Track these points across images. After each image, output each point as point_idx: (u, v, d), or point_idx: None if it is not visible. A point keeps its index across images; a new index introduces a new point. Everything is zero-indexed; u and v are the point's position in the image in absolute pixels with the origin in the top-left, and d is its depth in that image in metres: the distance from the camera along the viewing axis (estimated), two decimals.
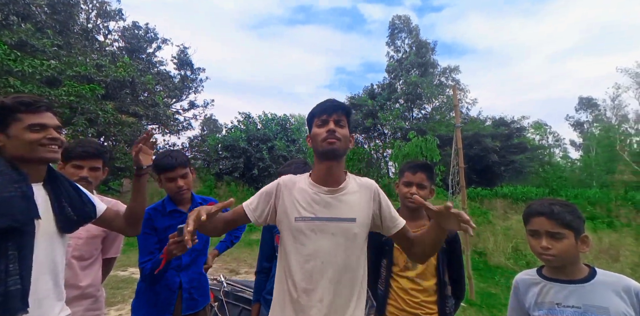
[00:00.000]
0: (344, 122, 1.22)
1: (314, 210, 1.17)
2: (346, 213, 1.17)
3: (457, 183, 5.08)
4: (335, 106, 1.22)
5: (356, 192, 1.23)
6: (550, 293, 1.17)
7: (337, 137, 1.17)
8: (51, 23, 9.36)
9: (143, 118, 11.47)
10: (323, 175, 1.21)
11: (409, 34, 21.79)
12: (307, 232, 1.15)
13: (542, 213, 1.16)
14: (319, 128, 1.21)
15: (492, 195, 13.89)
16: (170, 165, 1.65)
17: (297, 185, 1.23)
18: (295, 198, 1.20)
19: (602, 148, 21.68)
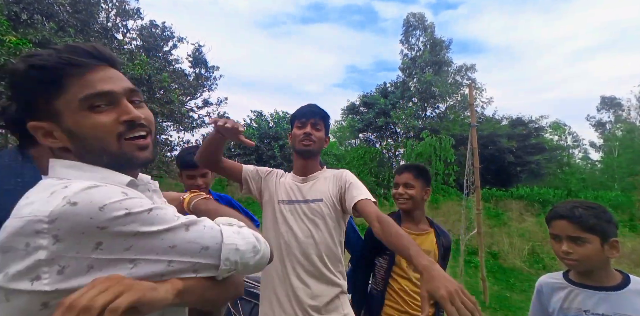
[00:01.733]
0: (320, 125, 1.42)
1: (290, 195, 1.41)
2: (315, 195, 1.39)
3: (472, 184, 4.99)
4: (314, 111, 1.42)
5: (327, 179, 1.43)
6: (577, 299, 1.12)
7: (313, 139, 1.39)
8: (73, 22, 9.63)
9: (158, 115, 11.70)
10: (300, 169, 1.48)
11: (424, 31, 21.47)
12: (286, 212, 1.38)
13: (563, 216, 1.12)
14: (298, 129, 1.42)
15: (507, 196, 13.59)
16: (193, 163, 1.67)
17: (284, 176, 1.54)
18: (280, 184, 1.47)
19: (625, 149, 20.90)
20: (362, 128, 18.35)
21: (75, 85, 0.57)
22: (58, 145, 0.59)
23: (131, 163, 0.62)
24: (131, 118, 0.60)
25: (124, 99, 0.61)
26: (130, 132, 0.61)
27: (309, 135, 1.39)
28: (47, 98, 0.56)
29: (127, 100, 0.62)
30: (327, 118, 1.47)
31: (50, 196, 0.50)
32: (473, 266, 6.55)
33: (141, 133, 0.62)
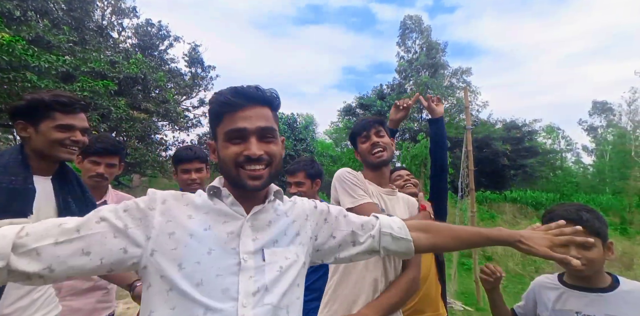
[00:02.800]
0: (382, 131, 1.40)
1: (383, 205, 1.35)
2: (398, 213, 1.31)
3: (466, 186, 5.02)
4: (369, 122, 1.41)
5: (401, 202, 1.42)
6: (569, 301, 1.13)
7: (382, 146, 1.36)
8: (67, 19, 9.53)
9: (154, 114, 11.61)
10: (378, 179, 1.41)
11: (420, 34, 21.62)
12: None
13: (570, 220, 1.03)
14: (363, 144, 1.39)
15: (501, 199, 13.70)
16: (188, 156, 1.71)
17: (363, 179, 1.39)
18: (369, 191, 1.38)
19: (616, 153, 21.22)
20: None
21: (226, 120, 0.76)
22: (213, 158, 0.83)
23: (243, 187, 0.76)
24: (248, 154, 0.74)
25: (253, 137, 0.75)
26: (247, 164, 0.75)
27: (377, 144, 1.36)
28: (214, 125, 0.79)
29: (256, 137, 0.76)
30: (385, 123, 1.46)
31: None
32: (467, 268, 6.58)
33: (256, 167, 0.76)
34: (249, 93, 0.76)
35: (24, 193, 1.00)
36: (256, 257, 0.74)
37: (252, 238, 0.76)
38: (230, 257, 0.72)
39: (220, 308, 0.68)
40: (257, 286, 0.71)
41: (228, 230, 0.74)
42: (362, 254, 0.90)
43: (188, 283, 0.67)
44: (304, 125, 17.18)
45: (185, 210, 0.74)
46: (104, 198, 1.58)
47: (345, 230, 0.89)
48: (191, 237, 0.71)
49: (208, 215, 0.75)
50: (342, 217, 0.91)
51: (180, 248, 0.69)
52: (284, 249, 0.78)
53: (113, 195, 1.64)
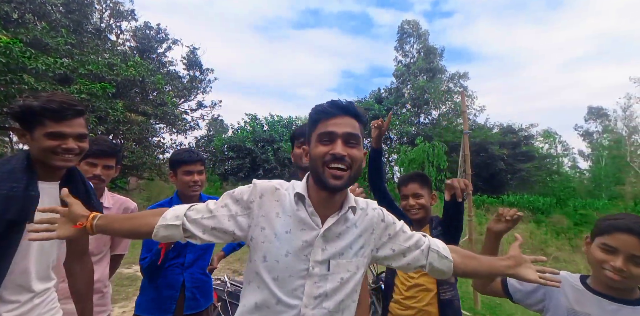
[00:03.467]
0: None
1: None
2: None
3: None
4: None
5: None
6: (588, 305, 1.09)
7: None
8: (65, 22, 9.53)
9: (152, 117, 11.58)
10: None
11: (418, 39, 21.81)
12: None
13: (634, 233, 0.99)
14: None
15: (498, 203, 13.72)
16: (190, 158, 1.70)
17: None
18: None
19: (612, 159, 21.38)
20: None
21: (321, 125, 0.88)
22: (305, 161, 0.94)
23: (324, 185, 0.85)
24: (335, 152, 0.84)
25: (339, 139, 0.87)
26: (333, 162, 0.84)
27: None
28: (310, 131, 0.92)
29: (342, 140, 0.87)
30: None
31: None
32: None
33: (339, 166, 0.86)
34: (342, 105, 0.89)
35: (23, 200, 0.99)
36: (322, 266, 0.85)
37: (322, 248, 0.87)
38: (302, 263, 0.84)
39: (288, 303, 0.82)
40: (319, 291, 0.84)
41: (304, 239, 0.86)
42: (408, 266, 1.00)
43: (268, 275, 0.84)
44: None
45: (275, 206, 0.88)
46: (100, 200, 1.57)
47: (403, 245, 0.98)
48: (275, 237, 0.85)
49: (291, 219, 0.87)
50: (402, 232, 1.00)
51: (267, 243, 0.85)
52: (347, 261, 0.89)
53: (110, 198, 1.63)
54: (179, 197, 1.77)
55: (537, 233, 9.71)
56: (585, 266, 6.82)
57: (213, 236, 0.89)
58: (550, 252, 8.12)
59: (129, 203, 1.69)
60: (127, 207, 1.66)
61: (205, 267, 1.84)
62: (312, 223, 0.87)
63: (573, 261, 7.25)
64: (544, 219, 11.97)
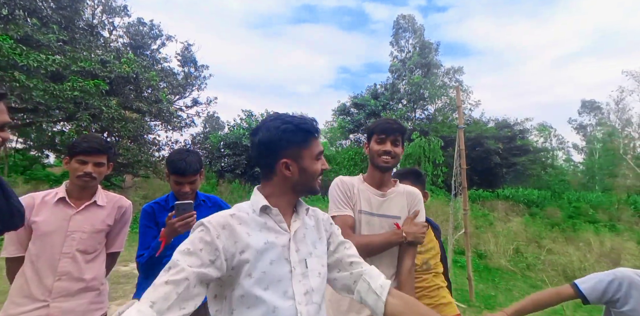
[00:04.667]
0: (399, 141, 1.50)
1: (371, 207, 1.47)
2: (393, 211, 1.47)
3: (459, 185, 5.08)
4: (393, 128, 1.48)
5: (402, 196, 1.52)
6: None
7: (392, 155, 1.47)
8: (57, 18, 9.37)
9: (146, 114, 11.48)
10: (378, 182, 1.52)
11: (414, 33, 21.73)
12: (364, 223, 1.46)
13: None
14: (378, 145, 1.49)
15: (493, 197, 13.85)
16: (182, 170, 1.63)
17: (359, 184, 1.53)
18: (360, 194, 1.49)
19: (605, 151, 21.59)
20: (352, 129, 18.44)
21: (313, 144, 0.96)
22: (290, 176, 0.94)
23: (312, 192, 0.99)
24: (325, 168, 0.99)
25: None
26: (319, 176, 0.98)
27: (389, 152, 1.45)
28: (300, 147, 0.94)
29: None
30: (405, 133, 1.54)
31: None
32: (460, 265, 6.65)
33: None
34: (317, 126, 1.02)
35: None
36: (301, 265, 0.92)
37: (296, 249, 0.93)
38: (285, 266, 0.89)
39: (284, 306, 0.86)
40: (305, 288, 0.90)
41: (281, 244, 0.91)
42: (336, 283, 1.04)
43: (259, 288, 0.85)
44: None
45: (242, 229, 0.89)
46: (94, 198, 1.57)
47: (338, 255, 1.04)
48: (257, 252, 0.87)
49: (262, 232, 0.90)
50: (343, 245, 1.06)
51: (252, 261, 0.86)
52: (318, 258, 0.97)
53: (103, 196, 1.62)
54: (175, 195, 1.77)
55: (532, 226, 9.83)
56: (578, 257, 6.94)
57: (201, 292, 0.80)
58: (545, 244, 8.23)
59: (123, 201, 1.69)
60: (121, 205, 1.66)
61: None
62: (281, 230, 0.93)
63: (567, 253, 7.37)
64: (539, 212, 12.11)
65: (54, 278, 1.43)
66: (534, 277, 6.59)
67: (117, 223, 1.64)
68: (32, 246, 1.44)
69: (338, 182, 1.50)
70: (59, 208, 1.49)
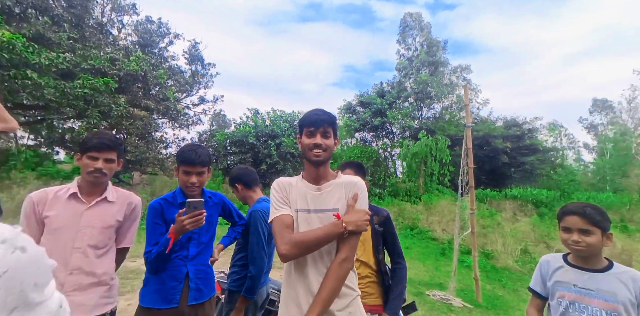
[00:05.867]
0: (329, 132, 1.40)
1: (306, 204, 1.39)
2: (330, 204, 1.39)
3: (466, 184, 5.03)
4: (321, 119, 1.38)
5: (340, 187, 1.43)
6: (570, 276, 1.45)
7: (323, 148, 1.38)
8: (67, 16, 9.49)
9: (154, 112, 11.58)
10: (314, 177, 1.44)
11: (420, 31, 21.53)
12: (302, 219, 1.38)
13: (575, 213, 1.41)
14: (307, 138, 1.40)
15: (501, 197, 13.70)
16: (191, 160, 1.68)
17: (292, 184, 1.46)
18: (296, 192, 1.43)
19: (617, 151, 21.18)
20: (358, 127, 18.38)
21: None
22: None
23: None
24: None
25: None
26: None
27: (319, 145, 1.38)
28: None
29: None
30: (335, 123, 1.44)
31: None
32: (466, 265, 6.60)
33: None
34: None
35: None
36: None
37: None
38: None
39: None
40: None
41: None
42: None
43: None
44: None
45: None
46: (104, 194, 1.59)
47: None
48: None
49: None
50: None
51: None
52: None
53: (113, 192, 1.65)
54: (182, 191, 1.79)
55: (540, 226, 9.70)
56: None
57: None
58: (553, 245, 8.12)
59: (134, 197, 1.71)
60: (131, 201, 1.68)
61: (208, 259, 1.87)
62: None
63: None
64: (547, 212, 11.95)
65: (66, 272, 1.45)
66: None
67: (127, 219, 1.66)
68: (44, 240, 1.46)
69: (274, 184, 1.45)
70: (71, 204, 1.52)
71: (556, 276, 1.49)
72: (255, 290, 1.92)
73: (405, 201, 13.06)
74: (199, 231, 1.75)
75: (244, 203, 2.24)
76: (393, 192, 14.37)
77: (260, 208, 2.02)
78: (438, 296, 4.77)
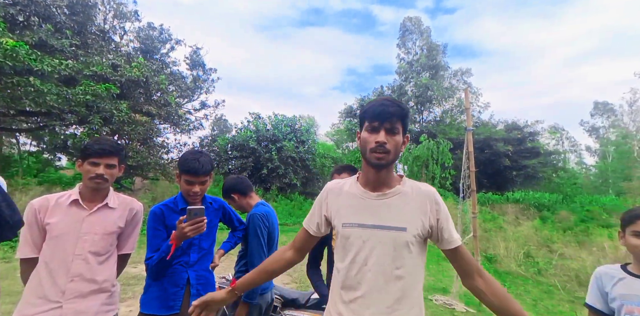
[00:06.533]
0: (398, 129, 1.12)
1: (361, 217, 1.13)
2: (396, 221, 1.10)
3: (468, 187, 5.01)
4: (389, 112, 1.10)
5: (409, 199, 1.14)
6: (636, 287, 1.31)
7: (387, 149, 1.10)
8: (70, 24, 9.60)
9: (156, 117, 11.65)
10: (372, 182, 1.17)
11: (420, 35, 21.68)
12: (354, 239, 1.12)
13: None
14: (369, 135, 1.12)
15: (503, 200, 13.64)
16: (194, 170, 1.66)
17: (344, 189, 1.21)
18: (343, 203, 1.19)
19: (619, 154, 21.12)
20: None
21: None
22: None
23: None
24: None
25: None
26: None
27: (383, 144, 1.09)
28: None
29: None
30: (407, 116, 1.15)
31: None
32: None
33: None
34: None
35: None
36: None
37: None
38: None
39: None
40: None
41: None
42: None
43: None
44: (306, 127, 17.21)
45: None
46: (106, 200, 1.59)
47: None
48: None
49: None
50: None
51: None
52: None
53: (115, 198, 1.65)
54: (183, 196, 1.79)
55: (543, 230, 9.64)
56: (591, 262, 6.77)
57: None
58: (556, 249, 8.06)
59: (135, 203, 1.71)
60: (132, 207, 1.68)
61: (209, 265, 1.86)
62: None
63: (579, 258, 7.20)
64: (550, 216, 11.88)
65: (67, 279, 1.45)
66: (545, 282, 6.46)
67: (128, 225, 1.66)
68: (46, 247, 1.46)
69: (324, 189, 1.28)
70: (72, 210, 1.52)
71: (619, 290, 1.35)
72: (255, 294, 1.91)
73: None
74: (199, 237, 1.74)
75: (242, 212, 2.22)
76: None
77: (259, 212, 2.01)
78: (441, 301, 4.73)
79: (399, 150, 1.13)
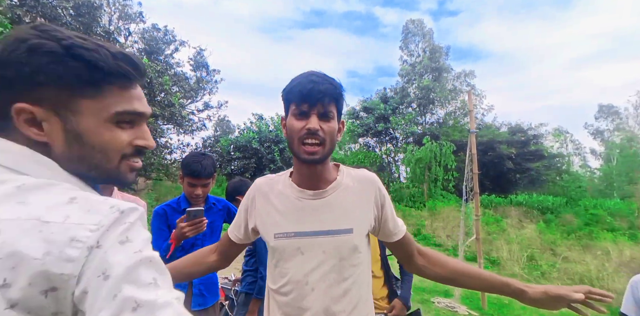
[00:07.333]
0: (332, 112, 0.90)
1: (298, 223, 0.93)
2: (340, 223, 0.92)
3: (471, 190, 5.00)
4: (320, 91, 0.87)
5: (351, 192, 0.96)
6: None
7: (321, 138, 0.88)
8: (75, 25, 9.69)
9: (159, 118, 11.71)
10: (306, 180, 0.95)
11: (423, 38, 21.68)
12: (290, 252, 0.92)
13: None
14: (297, 121, 0.89)
15: (506, 203, 13.57)
16: (197, 173, 1.68)
17: (275, 189, 0.98)
18: (274, 206, 0.96)
19: (624, 157, 20.96)
20: (362, 133, 18.40)
21: (114, 96, 0.53)
22: (41, 138, 0.49)
23: (119, 182, 0.59)
24: (145, 145, 0.57)
25: (145, 124, 0.59)
26: (133, 157, 0.57)
27: (316, 132, 0.86)
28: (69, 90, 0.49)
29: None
30: (342, 96, 0.93)
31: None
32: None
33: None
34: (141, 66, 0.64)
35: None
36: None
37: None
38: None
39: None
40: None
41: None
42: None
43: None
44: None
45: None
46: None
47: None
48: None
49: None
50: None
51: None
52: None
53: (119, 197, 1.66)
54: (186, 197, 1.80)
55: (546, 233, 9.57)
56: (595, 266, 6.71)
57: None
58: (560, 252, 8.00)
59: (139, 202, 1.72)
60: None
61: None
62: None
63: (583, 261, 7.13)
64: (554, 219, 11.80)
65: None
66: None
67: None
68: None
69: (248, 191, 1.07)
70: None
71: None
72: None
73: (409, 206, 12.99)
74: (202, 237, 1.75)
75: None
76: (397, 197, 14.30)
77: None
78: (443, 304, 4.70)
79: (334, 140, 0.90)
